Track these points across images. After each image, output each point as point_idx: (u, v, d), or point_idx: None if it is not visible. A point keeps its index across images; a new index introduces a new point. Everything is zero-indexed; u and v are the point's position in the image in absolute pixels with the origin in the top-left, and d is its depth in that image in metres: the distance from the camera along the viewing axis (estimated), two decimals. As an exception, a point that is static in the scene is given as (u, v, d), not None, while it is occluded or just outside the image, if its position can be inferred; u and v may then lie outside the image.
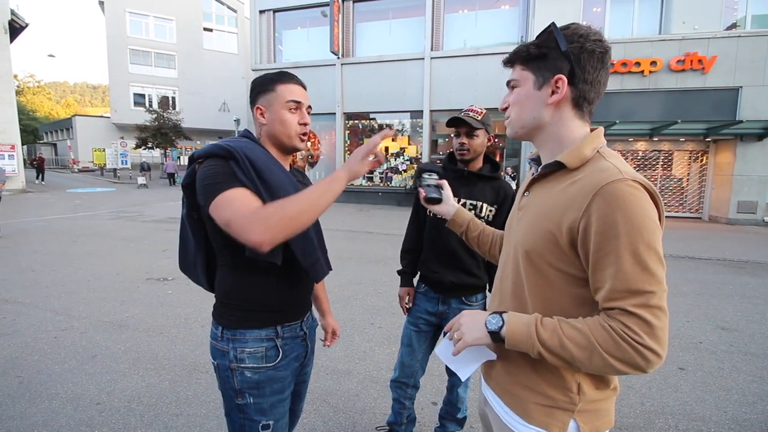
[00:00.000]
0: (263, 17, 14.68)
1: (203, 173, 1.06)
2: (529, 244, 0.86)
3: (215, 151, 1.08)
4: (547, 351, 0.77)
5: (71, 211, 10.89)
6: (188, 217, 1.17)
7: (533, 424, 0.87)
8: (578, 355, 0.74)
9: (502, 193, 1.77)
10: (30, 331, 3.34)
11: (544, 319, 0.80)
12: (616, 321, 0.72)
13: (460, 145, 1.74)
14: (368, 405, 2.42)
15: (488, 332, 0.83)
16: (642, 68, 10.51)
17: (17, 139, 15.80)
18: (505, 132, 0.91)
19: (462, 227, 1.30)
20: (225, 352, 1.14)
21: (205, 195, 1.03)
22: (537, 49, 0.86)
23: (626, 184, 0.73)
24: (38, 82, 55.78)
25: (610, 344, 0.72)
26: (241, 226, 0.95)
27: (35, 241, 6.89)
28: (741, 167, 10.56)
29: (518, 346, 0.80)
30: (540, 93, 0.87)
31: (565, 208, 0.79)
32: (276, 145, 1.21)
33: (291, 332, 1.22)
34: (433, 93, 12.63)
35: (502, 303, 0.97)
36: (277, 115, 1.17)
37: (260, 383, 1.14)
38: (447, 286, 1.80)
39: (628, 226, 0.71)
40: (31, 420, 2.20)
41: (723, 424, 2.31)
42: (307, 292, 1.29)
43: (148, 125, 23.69)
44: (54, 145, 37.42)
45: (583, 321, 0.77)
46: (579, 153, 0.83)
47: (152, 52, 29.35)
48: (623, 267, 0.71)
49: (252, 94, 1.22)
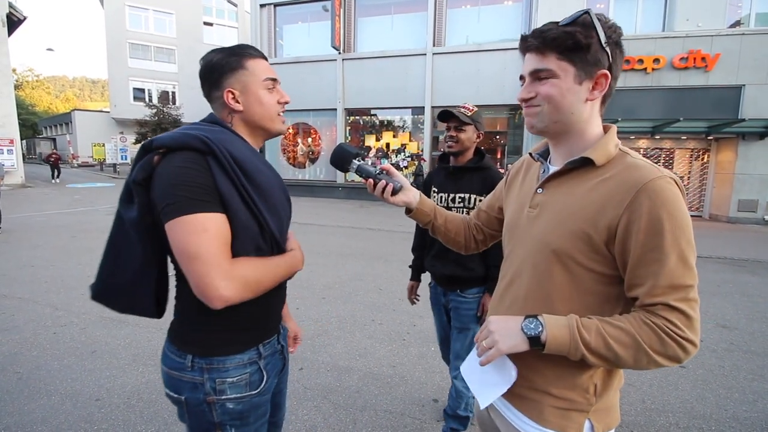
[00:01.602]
0: (264, 11, 14.58)
1: (172, 172, 0.85)
2: (557, 243, 0.82)
3: (189, 142, 0.87)
4: (592, 353, 0.74)
5: (71, 206, 10.86)
6: (137, 223, 0.89)
7: (549, 428, 0.85)
8: (623, 354, 0.73)
9: (490, 181, 1.79)
10: (29, 326, 3.33)
11: (583, 320, 0.77)
12: (659, 317, 0.72)
13: (449, 138, 1.84)
14: (369, 402, 2.42)
15: (527, 338, 0.77)
16: (645, 65, 10.46)
17: (16, 133, 15.73)
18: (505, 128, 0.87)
19: (429, 215, 1.15)
20: (198, 384, 0.94)
21: (170, 201, 0.82)
22: (584, 39, 0.77)
23: (666, 182, 0.73)
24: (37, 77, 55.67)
25: (654, 340, 0.72)
26: (210, 272, 0.80)
27: (34, 236, 6.87)
28: (742, 166, 10.54)
29: (560, 350, 0.76)
30: (580, 88, 0.81)
31: (601, 205, 0.77)
32: (255, 132, 1.03)
33: (271, 348, 1.07)
34: (435, 89, 12.57)
35: (514, 305, 0.91)
36: (256, 97, 0.99)
37: (244, 413, 0.98)
38: (442, 279, 1.92)
39: (672, 223, 0.72)
40: (29, 416, 2.19)
41: (724, 422, 2.31)
42: (281, 300, 1.14)
43: (148, 120, 23.59)
44: (53, 140, 37.26)
45: (623, 319, 0.75)
46: (606, 150, 0.81)
47: (152, 46, 29.18)
48: (668, 263, 0.72)
49: (213, 75, 0.98)
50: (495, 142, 13.60)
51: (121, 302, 1.00)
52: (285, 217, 1.06)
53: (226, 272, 0.82)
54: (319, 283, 4.64)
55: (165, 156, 0.88)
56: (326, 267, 5.36)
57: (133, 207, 0.89)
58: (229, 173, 0.89)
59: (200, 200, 0.84)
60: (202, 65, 1.00)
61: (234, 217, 0.89)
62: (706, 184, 11.62)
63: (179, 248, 0.83)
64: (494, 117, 13.02)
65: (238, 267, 0.86)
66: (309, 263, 5.35)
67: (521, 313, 0.84)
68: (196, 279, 0.82)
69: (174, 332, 0.99)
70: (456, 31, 12.70)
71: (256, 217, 0.93)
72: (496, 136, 13.48)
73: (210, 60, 0.99)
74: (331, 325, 3.52)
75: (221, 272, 0.82)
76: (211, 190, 0.86)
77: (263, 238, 0.96)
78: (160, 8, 28.91)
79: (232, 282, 0.83)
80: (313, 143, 14.83)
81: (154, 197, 0.86)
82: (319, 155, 14.73)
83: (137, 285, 0.96)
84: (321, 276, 4.93)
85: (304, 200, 13.20)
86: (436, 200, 1.91)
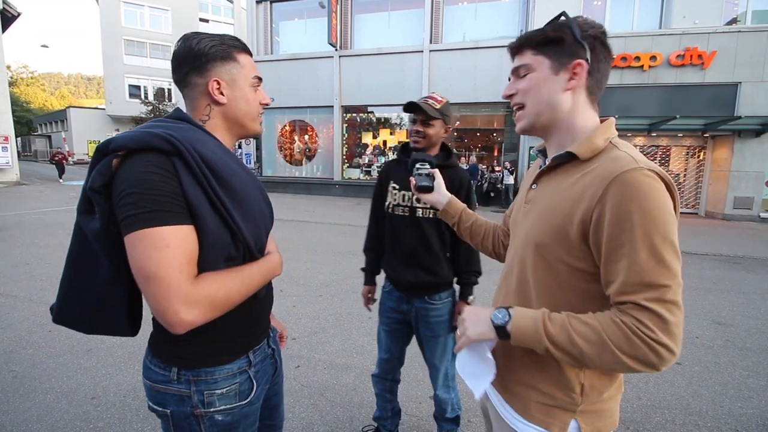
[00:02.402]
0: (260, 8, 14.50)
1: (132, 178, 0.75)
2: (539, 237, 0.83)
3: (152, 142, 0.77)
4: (555, 347, 0.73)
5: (66, 204, 10.79)
6: (100, 235, 0.79)
7: (533, 423, 0.85)
8: (588, 351, 0.71)
9: (457, 181, 1.70)
10: (24, 324, 3.31)
11: (552, 314, 0.76)
12: (629, 316, 0.69)
13: (415, 133, 1.69)
14: (366, 399, 2.41)
15: (494, 326, 0.79)
16: (641, 63, 10.48)
17: (11, 130, 15.61)
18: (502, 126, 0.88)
19: (454, 218, 1.26)
20: (185, 396, 0.88)
21: (131, 212, 0.74)
22: (554, 33, 0.83)
23: (642, 174, 0.70)
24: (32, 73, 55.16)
25: (622, 340, 0.68)
26: (169, 295, 0.73)
27: (30, 234, 6.83)
28: (738, 163, 10.59)
29: (525, 341, 0.77)
30: (557, 78, 0.83)
31: (576, 200, 0.77)
32: (232, 129, 0.96)
33: (261, 354, 1.02)
34: (432, 86, 12.54)
35: (507, 298, 0.94)
36: (243, 93, 0.94)
37: (233, 424, 0.93)
38: (406, 285, 1.76)
39: (643, 216, 0.68)
40: (25, 415, 2.18)
41: (719, 419, 2.32)
42: (269, 302, 1.07)
43: (144, 117, 23.51)
44: (48, 137, 37.04)
45: (593, 316, 0.74)
46: (591, 143, 0.80)
47: (147, 42, 29.00)
48: (637, 259, 0.68)
49: (200, 60, 0.88)
50: (492, 139, 13.61)
51: (87, 322, 0.91)
52: (262, 222, 0.97)
53: (187, 295, 0.74)
54: (315, 281, 4.63)
55: (125, 159, 0.78)
56: (323, 264, 5.35)
57: (94, 217, 0.80)
58: (198, 176, 0.80)
59: (162, 211, 0.75)
60: (184, 47, 0.89)
61: (202, 225, 0.80)
62: (702, 181, 11.68)
63: (136, 266, 0.74)
64: (491, 114, 13.04)
65: (203, 286, 0.77)
66: (306, 260, 5.37)
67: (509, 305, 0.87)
68: (154, 302, 0.74)
69: (155, 344, 0.91)
70: (453, 28, 12.67)
71: (227, 225, 0.85)
72: (493, 134, 13.49)
73: (196, 43, 0.89)
74: (328, 322, 3.52)
75: (181, 295, 0.74)
76: (177, 198, 0.77)
77: (235, 247, 0.88)
78: (155, 5, 28.72)
79: (194, 307, 0.75)
80: (309, 140, 14.79)
81: (114, 206, 0.77)
82: (315, 152, 14.69)
83: (106, 302, 0.88)
84: (318, 273, 4.92)
85: (301, 197, 13.17)
86: (397, 198, 1.74)
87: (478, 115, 13.31)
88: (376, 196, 1.88)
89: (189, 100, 0.94)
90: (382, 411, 1.98)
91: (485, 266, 1.82)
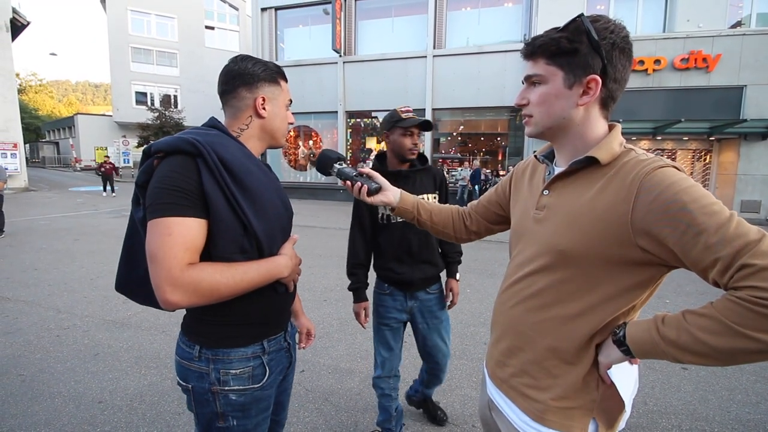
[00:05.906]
0: (265, 15, 14.65)
1: (161, 173, 0.91)
2: (564, 244, 0.81)
3: (179, 145, 0.92)
4: (681, 350, 0.68)
5: (73, 210, 10.91)
6: (143, 222, 0.95)
7: (553, 428, 0.84)
8: (718, 344, 0.64)
9: (438, 178, 1.94)
10: (32, 329, 3.35)
11: (666, 317, 0.72)
12: (742, 289, 0.62)
13: (413, 145, 1.86)
14: (370, 403, 2.42)
15: (612, 341, 0.79)
16: (646, 66, 10.46)
17: (20, 137, 15.85)
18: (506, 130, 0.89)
19: (412, 212, 1.19)
20: (204, 373, 1.00)
21: (150, 203, 0.89)
22: (569, 44, 0.78)
23: (669, 167, 0.73)
24: (40, 81, 55.89)
25: (747, 317, 0.61)
26: (163, 275, 0.85)
27: (38, 240, 6.91)
28: (744, 166, 10.50)
29: (649, 354, 0.73)
30: (570, 92, 0.81)
31: (610, 204, 0.76)
32: (264, 139, 1.11)
33: (276, 345, 1.11)
34: (436, 91, 12.59)
35: (520, 305, 0.92)
36: (279, 111, 1.11)
37: (246, 405, 1.03)
38: (416, 284, 1.88)
39: (688, 195, 0.67)
40: (33, 419, 2.20)
41: (726, 424, 2.30)
42: (290, 297, 1.16)
43: (150, 124, 23.72)
44: (56, 144, 37.54)
45: (709, 306, 0.68)
46: (610, 149, 0.80)
47: (154, 50, 29.34)
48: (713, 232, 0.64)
49: (251, 78, 1.05)
50: (496, 143, 13.60)
51: (139, 294, 1.08)
52: (276, 220, 1.06)
53: (174, 279, 0.85)
54: (320, 285, 4.65)
55: (162, 159, 0.93)
56: (327, 269, 5.37)
57: (140, 208, 0.97)
58: (215, 174, 0.92)
59: (175, 204, 0.88)
60: (240, 66, 1.05)
61: (217, 217, 0.92)
62: (709, 185, 11.57)
63: (146, 248, 0.88)
64: (495, 118, 13.04)
65: (191, 274, 0.87)
66: (310, 265, 5.38)
67: (528, 310, 0.88)
68: (152, 280, 0.86)
69: (185, 324, 1.06)
70: (456, 34, 12.72)
71: (239, 218, 0.96)
72: (497, 138, 13.48)
73: (251, 65, 1.05)
74: (333, 327, 3.52)
75: (170, 278, 0.85)
76: (193, 195, 0.90)
77: (247, 240, 0.98)
78: (162, 12, 29.09)
79: (178, 289, 0.85)
80: (314, 146, 14.86)
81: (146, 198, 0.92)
82: (320, 158, 14.74)
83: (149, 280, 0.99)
84: (322, 278, 4.94)
85: (306, 203, 13.21)
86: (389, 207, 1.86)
87: (482, 120, 13.32)
88: (360, 211, 1.93)
89: (233, 110, 1.07)
90: (386, 413, 1.99)
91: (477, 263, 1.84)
